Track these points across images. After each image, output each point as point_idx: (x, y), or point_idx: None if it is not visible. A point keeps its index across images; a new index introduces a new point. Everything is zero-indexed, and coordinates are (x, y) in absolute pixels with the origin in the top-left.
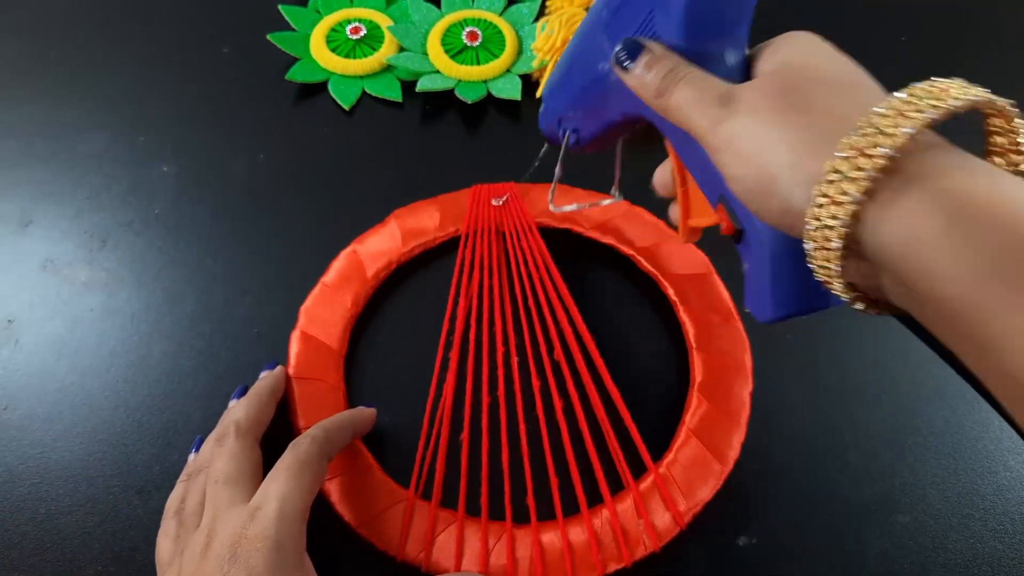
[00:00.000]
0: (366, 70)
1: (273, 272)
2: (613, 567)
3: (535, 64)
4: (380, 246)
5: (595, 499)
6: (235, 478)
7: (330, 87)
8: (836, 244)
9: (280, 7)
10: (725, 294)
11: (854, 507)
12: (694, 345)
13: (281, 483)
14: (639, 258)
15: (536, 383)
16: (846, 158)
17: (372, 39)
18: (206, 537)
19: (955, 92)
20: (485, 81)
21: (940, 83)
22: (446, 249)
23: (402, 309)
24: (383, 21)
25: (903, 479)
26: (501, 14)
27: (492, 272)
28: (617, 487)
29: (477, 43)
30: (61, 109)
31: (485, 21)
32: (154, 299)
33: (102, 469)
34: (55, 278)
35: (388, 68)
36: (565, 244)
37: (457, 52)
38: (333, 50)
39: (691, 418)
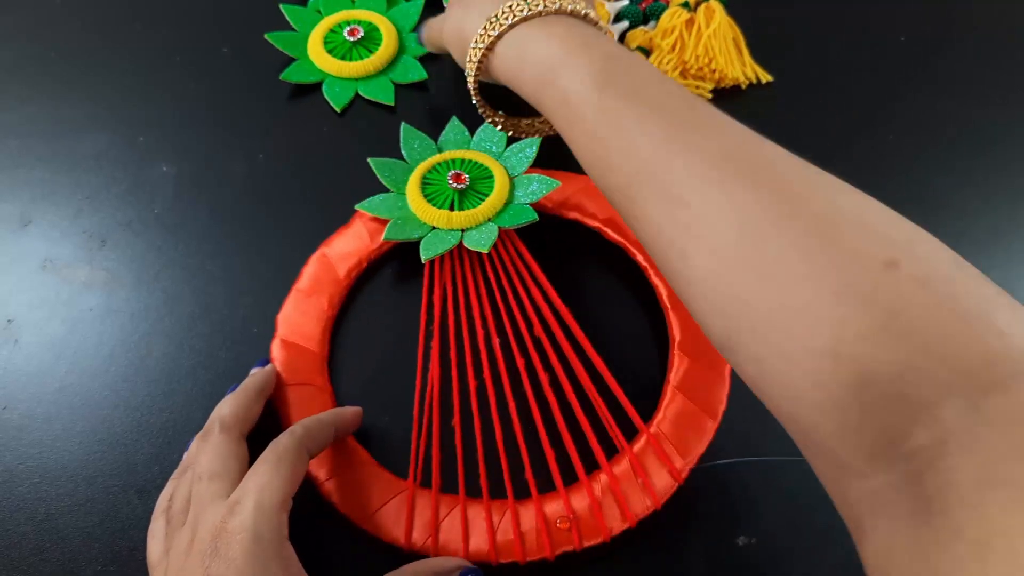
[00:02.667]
0: (360, 73)
1: (273, 272)
2: (618, 528)
3: None
4: (348, 247)
5: (592, 466)
6: (219, 473)
7: (324, 89)
8: (475, 59)
9: (281, 6)
10: None
11: None
12: (669, 305)
13: (259, 476)
14: (605, 229)
15: (520, 361)
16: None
17: (369, 41)
18: (191, 534)
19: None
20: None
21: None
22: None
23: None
24: (383, 23)
25: None
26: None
27: (463, 258)
28: (611, 452)
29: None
30: (60, 109)
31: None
32: (153, 299)
33: (101, 469)
34: (54, 278)
35: (383, 71)
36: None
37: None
38: (330, 51)
39: (675, 376)
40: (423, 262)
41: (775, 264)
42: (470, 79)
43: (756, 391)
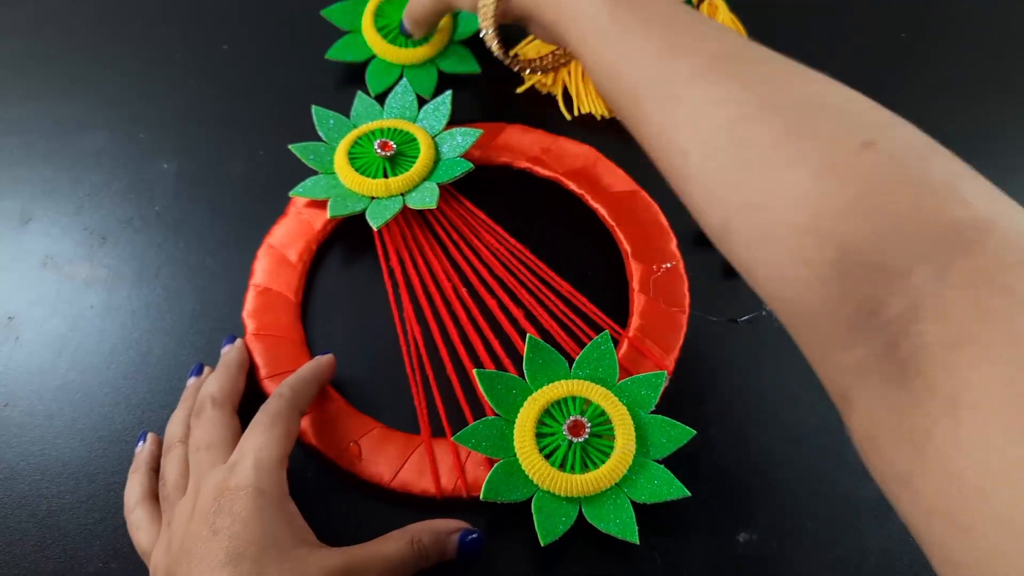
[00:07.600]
0: (409, 60)
1: None
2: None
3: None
4: (292, 233)
5: None
6: (216, 443)
7: (368, 71)
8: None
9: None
10: (619, 171)
11: (854, 504)
12: (613, 223)
13: (254, 438)
14: (534, 167)
15: (491, 302)
16: None
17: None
18: (193, 500)
19: None
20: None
21: None
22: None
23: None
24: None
25: None
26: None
27: (410, 221)
28: None
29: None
30: (61, 106)
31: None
32: (154, 296)
33: (103, 466)
34: (55, 275)
35: (430, 60)
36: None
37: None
38: (380, 29)
39: (636, 282)
40: (375, 230)
41: (761, 149)
42: (490, 24)
43: (747, 276)
